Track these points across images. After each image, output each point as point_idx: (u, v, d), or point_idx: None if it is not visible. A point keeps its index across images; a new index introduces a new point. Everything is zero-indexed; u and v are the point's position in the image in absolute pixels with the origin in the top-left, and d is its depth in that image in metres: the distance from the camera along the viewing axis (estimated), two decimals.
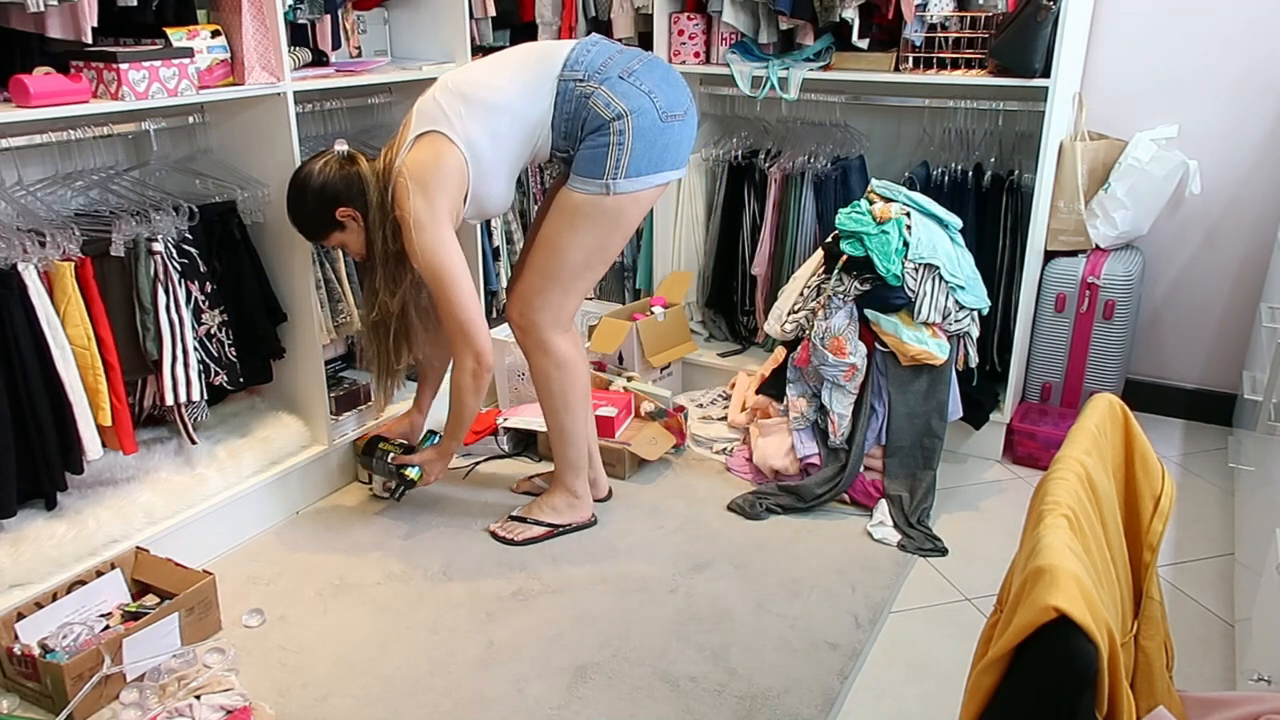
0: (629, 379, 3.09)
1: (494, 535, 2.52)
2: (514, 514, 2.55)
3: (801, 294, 2.68)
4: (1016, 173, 2.88)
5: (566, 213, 2.24)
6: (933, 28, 2.82)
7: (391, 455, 2.54)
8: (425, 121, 2.20)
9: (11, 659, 1.92)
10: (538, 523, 2.51)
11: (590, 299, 3.74)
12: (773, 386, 2.81)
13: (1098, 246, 2.90)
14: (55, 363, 2.07)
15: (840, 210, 2.61)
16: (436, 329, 2.48)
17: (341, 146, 2.29)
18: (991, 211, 2.90)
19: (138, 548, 2.21)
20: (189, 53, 2.17)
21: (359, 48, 2.97)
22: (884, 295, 2.54)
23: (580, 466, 2.51)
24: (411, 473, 2.48)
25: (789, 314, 2.69)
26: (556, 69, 2.19)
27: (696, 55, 3.15)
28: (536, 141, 2.24)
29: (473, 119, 2.17)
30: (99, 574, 2.12)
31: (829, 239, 2.65)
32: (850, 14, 2.85)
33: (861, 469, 2.65)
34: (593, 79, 2.17)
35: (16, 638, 1.97)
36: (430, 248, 2.17)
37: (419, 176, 2.16)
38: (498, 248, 3.26)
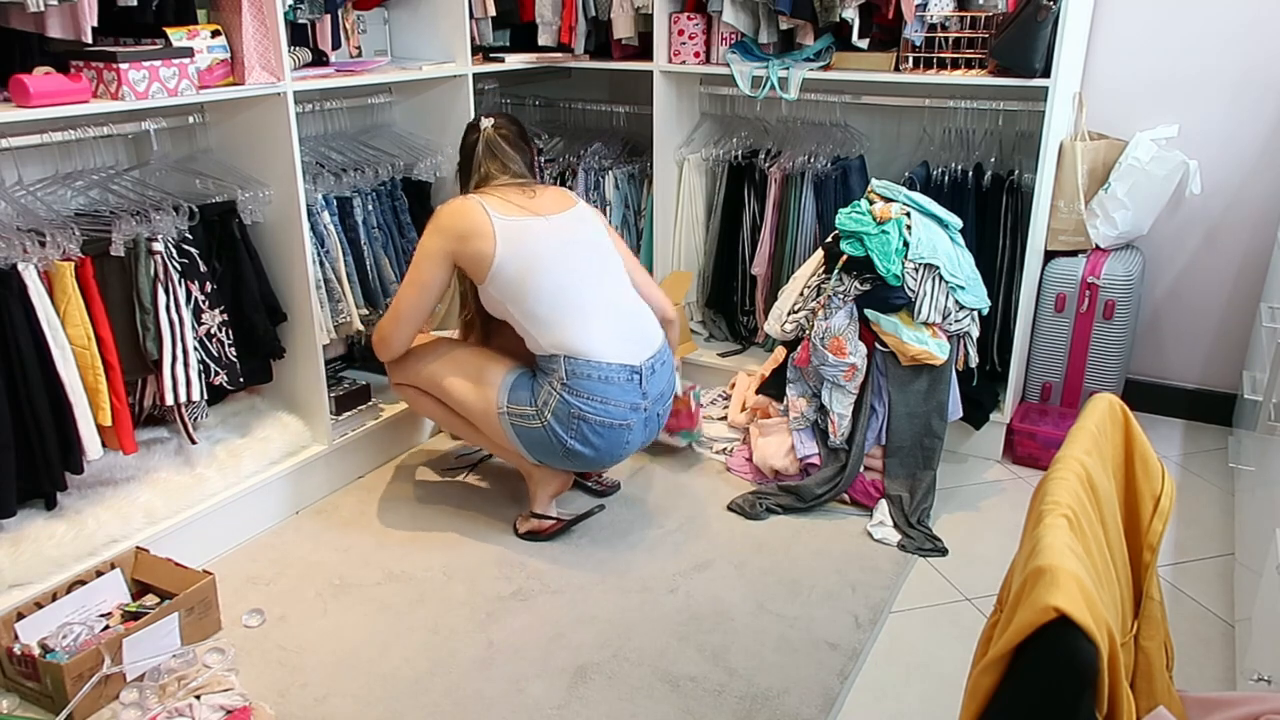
0: None
1: (515, 529, 2.56)
2: (535, 510, 2.56)
3: (801, 294, 2.68)
4: (1016, 173, 2.88)
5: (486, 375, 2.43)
6: (933, 28, 2.82)
7: None
8: (510, 205, 2.33)
9: (11, 659, 1.92)
10: (544, 516, 2.53)
11: None
12: (773, 386, 2.81)
13: (1098, 246, 2.90)
14: (55, 363, 2.07)
15: (840, 210, 2.61)
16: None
17: (486, 123, 2.46)
18: (991, 211, 2.90)
19: (138, 548, 2.21)
20: (189, 53, 2.17)
21: (359, 48, 2.97)
22: (884, 295, 2.54)
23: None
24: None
25: (789, 314, 2.69)
26: (567, 344, 2.30)
27: (696, 55, 3.15)
28: (534, 340, 2.35)
29: (513, 274, 2.29)
30: (99, 574, 2.12)
31: (829, 239, 2.64)
32: (850, 14, 2.85)
33: (861, 469, 2.65)
34: (565, 388, 2.29)
35: (16, 637, 1.97)
36: (419, 263, 2.34)
37: (455, 210, 2.32)
38: None
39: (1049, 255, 2.94)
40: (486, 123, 2.45)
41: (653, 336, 2.42)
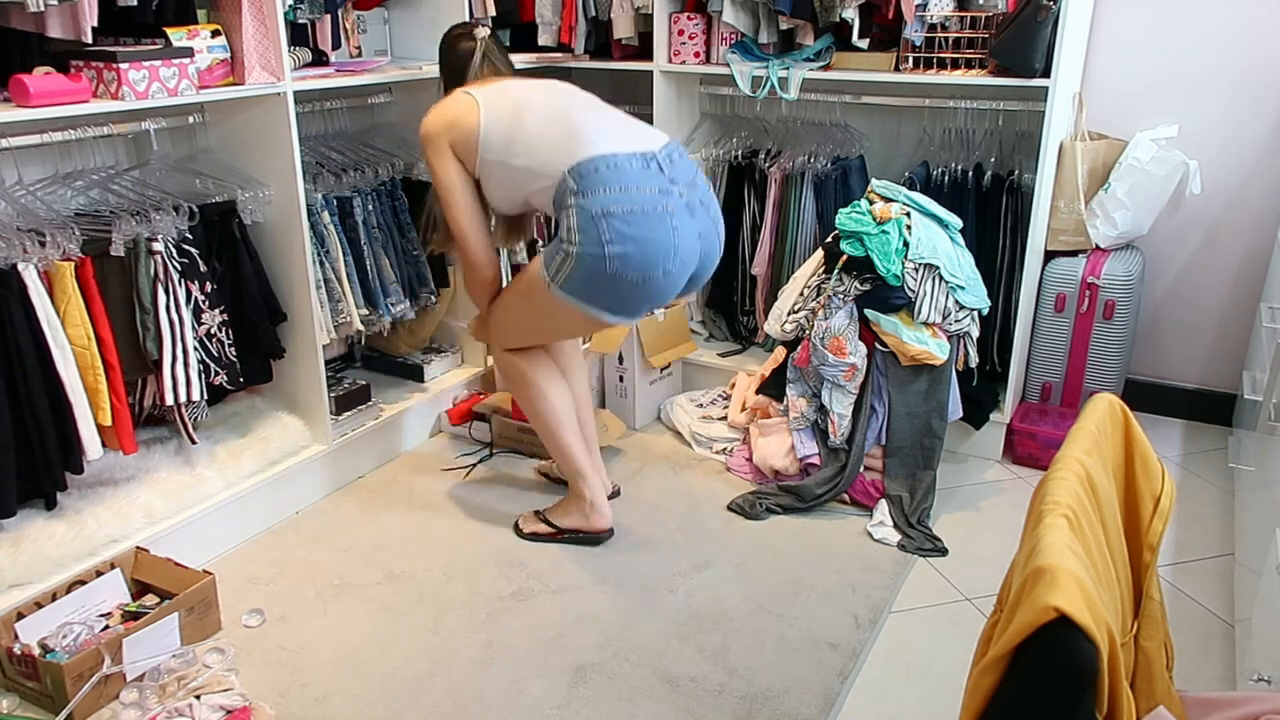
0: None
1: (516, 526, 2.55)
2: (538, 509, 2.56)
3: (801, 294, 2.68)
4: (1016, 173, 2.88)
5: (529, 270, 2.27)
6: (933, 28, 2.82)
7: None
8: (491, 85, 2.28)
9: (11, 659, 1.92)
10: (547, 522, 2.52)
11: None
12: (773, 386, 2.81)
13: (1098, 246, 2.90)
14: (55, 362, 2.07)
15: (840, 210, 2.61)
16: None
17: (482, 32, 2.39)
18: (991, 211, 2.90)
19: (138, 548, 2.21)
20: (189, 52, 2.17)
21: (359, 48, 2.97)
22: (884, 295, 2.54)
23: (576, 471, 2.47)
24: None
25: (789, 314, 2.69)
26: (571, 162, 2.13)
27: (696, 55, 3.15)
28: (540, 204, 2.25)
29: (502, 129, 2.20)
30: (99, 574, 2.12)
31: (829, 239, 2.64)
32: (850, 14, 2.85)
33: (861, 469, 2.65)
34: (576, 194, 2.10)
35: (16, 637, 1.97)
36: (432, 164, 2.27)
37: (443, 103, 2.27)
38: (498, 248, 3.26)
39: (1049, 255, 2.94)
40: (482, 32, 2.38)
41: (662, 136, 2.26)
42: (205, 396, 2.37)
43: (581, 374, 2.64)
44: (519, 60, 3.19)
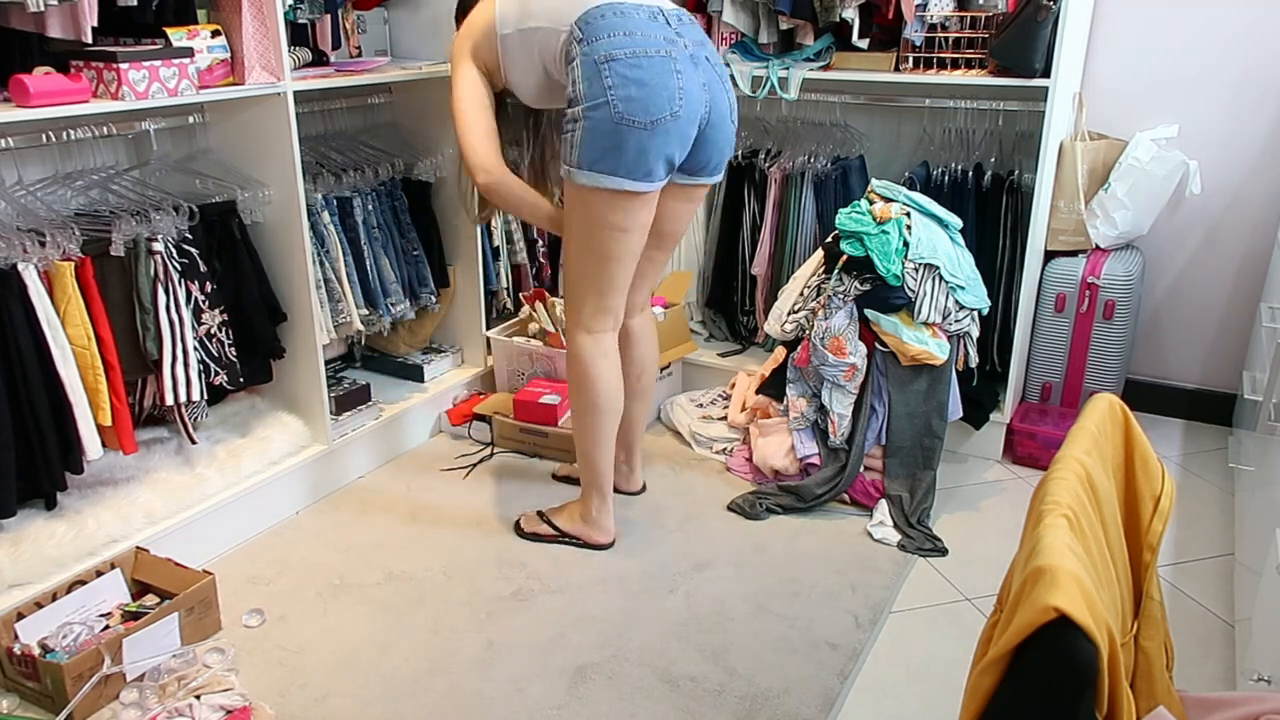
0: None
1: (516, 524, 2.55)
2: (541, 509, 2.56)
3: (801, 294, 2.68)
4: (1016, 173, 2.88)
5: (564, 210, 2.24)
6: (933, 28, 2.82)
7: None
8: None
9: (11, 659, 1.92)
10: (550, 523, 2.51)
11: None
12: (773, 386, 2.81)
13: (1098, 246, 2.90)
14: (55, 362, 2.07)
15: (840, 210, 2.61)
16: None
17: None
18: (991, 211, 2.90)
19: (137, 548, 2.21)
20: (189, 52, 2.17)
21: (359, 48, 2.97)
22: (884, 295, 2.54)
23: (594, 486, 2.44)
24: None
25: (789, 314, 2.69)
26: (578, 11, 2.10)
27: None
28: (555, 42, 2.16)
29: (515, 2, 2.19)
30: (99, 574, 2.12)
31: (829, 239, 2.65)
32: (850, 14, 2.85)
33: (861, 469, 2.65)
34: (581, 43, 2.07)
35: (16, 637, 1.97)
36: (452, 75, 2.27)
37: (468, 20, 2.27)
38: (497, 247, 3.26)
39: (1049, 255, 2.94)
40: None
41: (670, 2, 2.24)
42: (205, 396, 2.37)
43: (645, 402, 2.64)
44: None
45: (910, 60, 2.87)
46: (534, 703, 1.94)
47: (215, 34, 2.27)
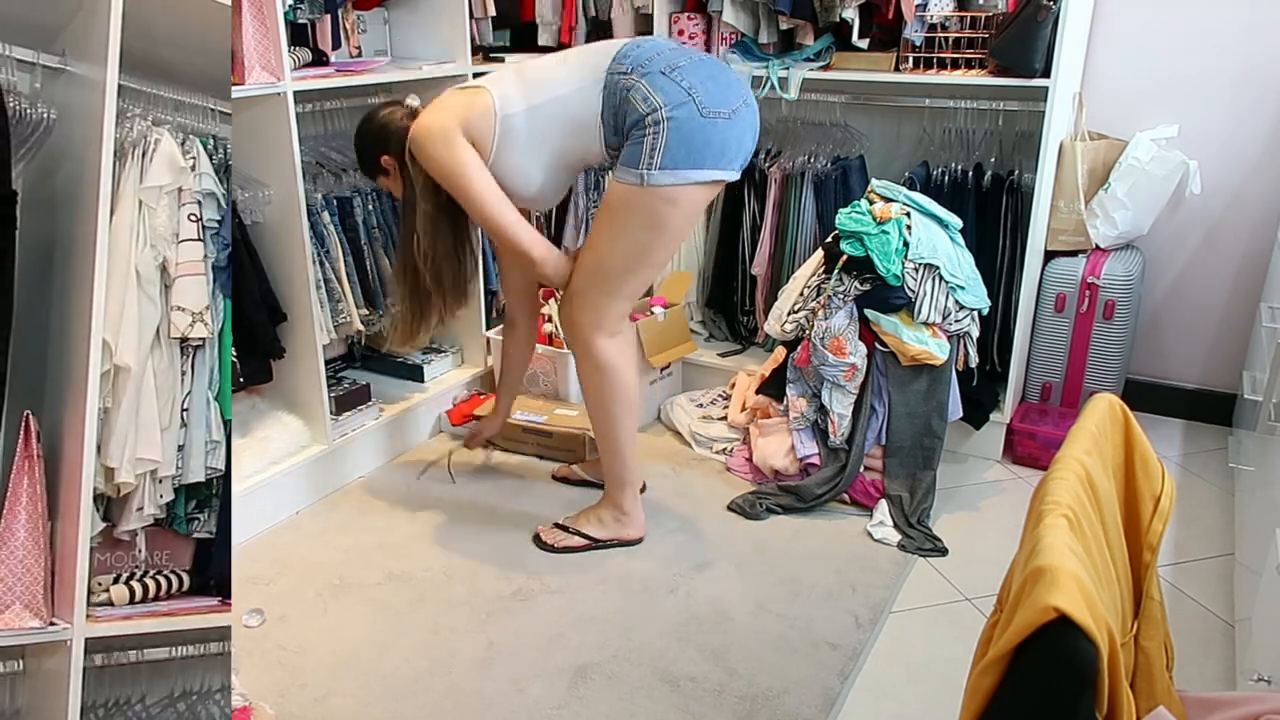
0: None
1: (537, 538, 2.49)
2: (559, 521, 2.52)
3: (801, 294, 2.68)
4: (1016, 173, 2.88)
5: (608, 208, 2.21)
6: (933, 28, 2.82)
7: None
8: (472, 82, 2.28)
9: None
10: (579, 533, 2.47)
11: None
12: (773, 386, 2.81)
13: (1098, 246, 2.90)
14: None
15: (840, 210, 2.61)
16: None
17: (414, 101, 2.34)
18: (991, 211, 2.89)
19: None
20: None
21: (359, 48, 2.97)
22: (884, 295, 2.54)
23: (627, 481, 2.46)
24: None
25: (789, 314, 2.69)
26: (607, 62, 2.17)
27: None
28: (586, 136, 2.20)
29: (515, 87, 2.20)
30: None
31: (829, 239, 2.65)
32: (850, 14, 2.85)
33: (861, 469, 2.65)
34: (635, 72, 2.13)
35: None
36: (445, 160, 2.18)
37: (437, 104, 2.23)
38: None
39: (1049, 255, 2.94)
40: (398, 107, 2.37)
41: None
42: None
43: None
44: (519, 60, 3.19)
45: (910, 60, 2.87)
46: (534, 703, 1.95)
47: None
